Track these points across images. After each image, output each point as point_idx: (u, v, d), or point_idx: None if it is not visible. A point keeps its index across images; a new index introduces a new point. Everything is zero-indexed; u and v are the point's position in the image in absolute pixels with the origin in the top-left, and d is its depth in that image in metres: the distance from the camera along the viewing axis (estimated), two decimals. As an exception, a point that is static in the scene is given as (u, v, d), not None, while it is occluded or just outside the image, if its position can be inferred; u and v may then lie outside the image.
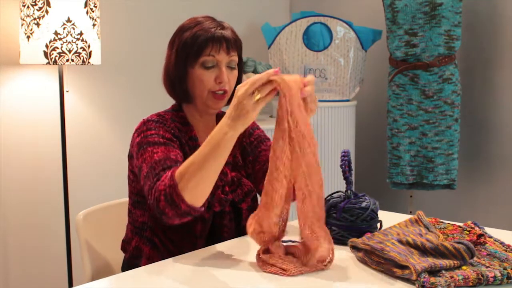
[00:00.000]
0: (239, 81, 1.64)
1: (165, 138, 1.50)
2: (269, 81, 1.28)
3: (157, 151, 1.45)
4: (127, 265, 1.60)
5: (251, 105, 1.27)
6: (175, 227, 1.51)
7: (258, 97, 1.27)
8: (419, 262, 1.21)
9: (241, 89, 1.29)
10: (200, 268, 1.34)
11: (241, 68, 1.66)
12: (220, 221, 1.58)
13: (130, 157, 1.57)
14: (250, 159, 1.67)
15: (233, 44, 1.57)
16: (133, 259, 1.59)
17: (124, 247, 1.64)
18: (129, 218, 1.64)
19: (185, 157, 1.50)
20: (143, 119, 1.57)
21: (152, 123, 1.54)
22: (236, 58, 1.59)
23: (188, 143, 1.57)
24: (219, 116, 1.70)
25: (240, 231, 1.62)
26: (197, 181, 1.32)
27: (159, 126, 1.53)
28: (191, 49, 1.54)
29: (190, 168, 1.32)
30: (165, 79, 1.62)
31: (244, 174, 1.65)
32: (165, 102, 1.70)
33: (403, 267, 1.23)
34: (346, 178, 1.53)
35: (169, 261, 1.39)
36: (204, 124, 1.64)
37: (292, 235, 1.51)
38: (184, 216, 1.35)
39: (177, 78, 1.58)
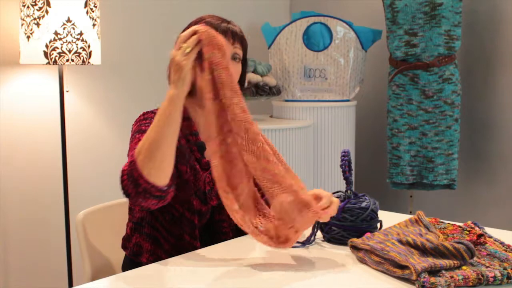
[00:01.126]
0: (242, 79, 1.65)
1: None
2: (194, 33, 1.35)
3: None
4: (128, 263, 1.61)
5: (182, 58, 1.33)
6: (173, 220, 1.52)
7: (187, 49, 1.33)
8: (419, 262, 1.21)
9: (172, 50, 1.36)
10: (200, 268, 1.34)
11: (245, 68, 1.66)
12: (219, 216, 1.59)
13: None
14: None
15: (239, 38, 1.58)
16: (134, 256, 1.59)
17: (124, 245, 1.64)
18: (129, 215, 1.65)
19: (180, 146, 1.52)
20: (143, 111, 1.60)
21: (150, 114, 1.58)
22: (240, 52, 1.60)
23: (187, 137, 1.58)
24: None
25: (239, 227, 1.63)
26: (153, 151, 1.32)
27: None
28: None
29: (145, 143, 1.33)
30: (169, 69, 1.63)
31: None
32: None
33: (403, 267, 1.23)
34: (346, 178, 1.53)
35: (169, 261, 1.39)
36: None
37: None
38: (146, 196, 1.33)
39: None
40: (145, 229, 1.57)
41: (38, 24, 2.26)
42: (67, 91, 2.49)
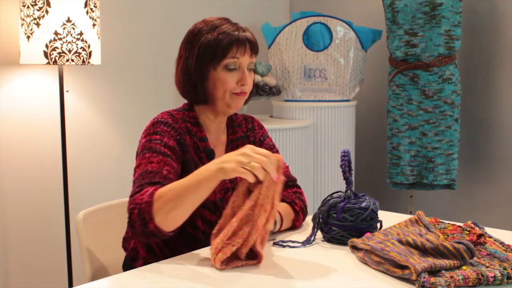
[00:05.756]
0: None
1: (167, 147, 1.49)
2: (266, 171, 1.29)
3: (153, 161, 1.45)
4: (129, 263, 1.61)
5: (238, 164, 1.27)
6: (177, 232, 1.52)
7: (249, 165, 1.28)
8: (419, 262, 1.21)
9: (249, 149, 1.30)
10: (200, 268, 1.34)
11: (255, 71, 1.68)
12: None
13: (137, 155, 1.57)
14: None
15: (255, 46, 1.58)
16: (130, 260, 1.59)
17: (124, 246, 1.64)
18: None
19: (188, 158, 1.51)
20: (154, 118, 1.56)
21: (160, 125, 1.53)
22: (255, 60, 1.61)
23: (197, 143, 1.58)
24: (230, 118, 1.70)
25: None
26: (172, 207, 1.33)
27: (166, 130, 1.52)
28: (215, 50, 1.53)
29: (169, 193, 1.33)
30: (183, 81, 1.59)
31: None
32: (165, 102, 1.70)
33: (403, 267, 1.23)
34: (346, 178, 1.53)
35: (169, 261, 1.39)
36: (215, 125, 1.64)
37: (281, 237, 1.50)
38: (150, 237, 1.35)
39: (198, 79, 1.56)
40: None
41: (38, 24, 2.26)
42: (67, 91, 2.49)
